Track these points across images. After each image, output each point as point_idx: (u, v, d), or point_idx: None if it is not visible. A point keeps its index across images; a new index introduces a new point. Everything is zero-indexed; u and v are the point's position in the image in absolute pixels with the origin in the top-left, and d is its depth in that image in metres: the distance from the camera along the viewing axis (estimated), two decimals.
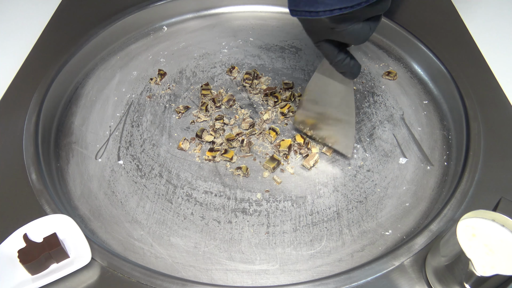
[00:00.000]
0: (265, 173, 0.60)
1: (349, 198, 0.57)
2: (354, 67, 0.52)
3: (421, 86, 0.72)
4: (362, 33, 0.46)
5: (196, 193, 0.58)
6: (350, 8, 0.41)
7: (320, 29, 0.47)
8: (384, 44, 0.79)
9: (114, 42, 0.78)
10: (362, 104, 0.69)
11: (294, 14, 0.44)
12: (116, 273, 0.47)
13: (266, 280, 0.50)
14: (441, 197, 0.56)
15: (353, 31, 0.46)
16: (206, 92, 0.69)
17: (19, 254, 0.46)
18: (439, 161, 0.61)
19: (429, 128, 0.66)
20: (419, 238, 0.50)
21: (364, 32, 0.46)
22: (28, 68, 0.70)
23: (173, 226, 0.55)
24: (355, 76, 0.53)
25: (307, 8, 0.43)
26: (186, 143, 0.63)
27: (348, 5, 0.41)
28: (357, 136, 0.65)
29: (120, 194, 0.58)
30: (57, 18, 0.80)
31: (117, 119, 0.67)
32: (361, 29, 0.46)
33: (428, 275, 0.46)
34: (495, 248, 0.40)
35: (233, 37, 0.81)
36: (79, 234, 0.49)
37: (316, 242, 0.53)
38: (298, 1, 0.43)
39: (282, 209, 0.56)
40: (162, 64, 0.76)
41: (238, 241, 0.53)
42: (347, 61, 0.51)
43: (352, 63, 0.51)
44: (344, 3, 0.41)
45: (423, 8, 0.81)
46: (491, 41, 0.76)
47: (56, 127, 0.66)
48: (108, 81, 0.73)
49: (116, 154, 0.63)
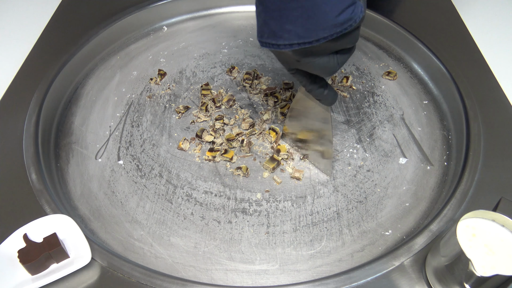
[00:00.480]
0: (265, 173, 0.60)
1: (349, 198, 0.57)
2: (329, 96, 0.52)
3: (421, 86, 0.72)
4: (328, 66, 0.46)
5: (196, 193, 0.58)
6: (308, 43, 0.41)
7: (288, 60, 0.48)
8: (384, 44, 0.79)
9: (114, 42, 0.78)
10: (362, 104, 0.69)
11: (261, 45, 0.45)
12: (116, 273, 0.47)
13: (266, 280, 0.50)
14: (441, 197, 0.56)
15: (319, 64, 0.46)
16: (206, 92, 0.69)
17: (19, 254, 0.46)
18: (439, 161, 0.61)
19: (429, 128, 0.66)
20: (419, 238, 0.50)
21: (330, 65, 0.46)
22: (28, 68, 0.70)
23: (173, 226, 0.55)
24: (331, 103, 0.53)
25: (270, 40, 0.43)
26: (186, 143, 0.63)
27: (306, 40, 0.41)
28: (357, 136, 0.65)
29: (120, 194, 0.58)
30: (57, 18, 0.80)
31: (117, 119, 0.67)
32: (327, 63, 0.46)
33: (428, 275, 0.46)
34: (495, 248, 0.40)
35: (233, 37, 0.81)
36: (79, 234, 0.49)
37: (316, 242, 0.53)
38: (263, 33, 0.44)
39: (282, 209, 0.56)
40: (162, 64, 0.76)
41: (238, 241, 0.53)
42: (320, 90, 0.51)
43: (326, 92, 0.52)
44: (302, 38, 0.41)
45: (423, 8, 0.81)
46: (491, 41, 0.76)
47: (56, 127, 0.66)
48: (108, 81, 0.73)
49: (116, 154, 0.63)
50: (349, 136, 0.64)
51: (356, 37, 0.44)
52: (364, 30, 0.81)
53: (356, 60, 0.76)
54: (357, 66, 0.75)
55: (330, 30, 0.40)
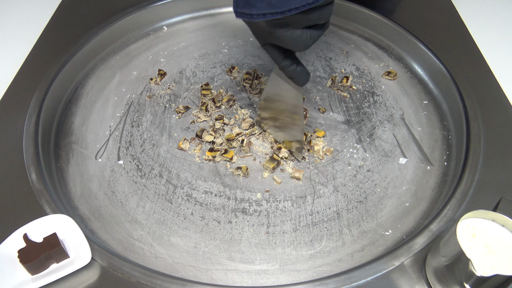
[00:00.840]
0: (265, 173, 0.60)
1: (349, 198, 0.57)
2: (301, 74, 0.53)
3: (421, 86, 0.72)
4: (300, 41, 0.47)
5: (196, 193, 0.58)
6: (280, 14, 0.43)
7: (261, 32, 0.49)
8: (384, 44, 0.79)
9: (114, 42, 0.78)
10: (362, 104, 0.69)
11: (236, 15, 0.46)
12: (116, 273, 0.47)
13: (266, 280, 0.50)
14: (441, 197, 0.56)
15: (291, 38, 0.47)
16: (206, 92, 0.69)
17: (19, 254, 0.46)
18: (439, 161, 0.61)
19: (429, 128, 0.66)
20: (419, 238, 0.50)
21: (302, 39, 0.47)
22: (28, 68, 0.70)
23: (173, 226, 0.55)
24: (303, 83, 0.54)
25: (244, 10, 0.44)
26: (186, 143, 0.63)
27: (278, 10, 0.42)
28: (357, 136, 0.65)
29: (120, 194, 0.58)
30: (57, 18, 0.80)
31: (117, 119, 0.67)
32: (299, 37, 0.47)
33: (428, 275, 0.46)
34: (495, 248, 0.40)
35: (233, 37, 0.81)
36: (79, 234, 0.49)
37: (316, 242, 0.53)
38: (238, 3, 0.45)
39: (282, 209, 0.56)
40: (162, 64, 0.76)
41: (238, 241, 0.53)
42: (293, 67, 0.52)
43: (299, 69, 0.52)
44: (274, 8, 0.42)
45: (423, 8, 0.81)
46: (491, 41, 0.76)
47: (56, 127, 0.66)
48: (108, 81, 0.73)
49: (116, 154, 0.63)
50: (349, 136, 0.64)
51: (329, 12, 0.46)
52: (364, 30, 0.81)
53: (356, 60, 0.76)
54: (357, 66, 0.75)
55: (301, 1, 0.42)
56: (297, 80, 0.54)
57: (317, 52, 0.78)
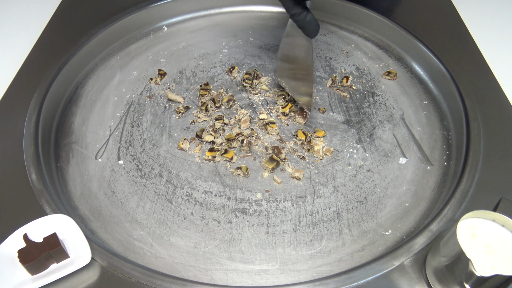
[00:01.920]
0: (265, 173, 0.60)
1: (349, 198, 0.57)
2: (311, 22, 0.56)
3: (421, 86, 0.72)
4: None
5: (196, 193, 0.58)
6: None
7: None
8: (384, 44, 0.79)
9: (114, 42, 0.78)
10: (362, 104, 0.69)
11: None
12: (116, 273, 0.47)
13: (266, 280, 0.50)
14: (441, 197, 0.56)
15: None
16: (204, 92, 0.69)
17: (19, 254, 0.46)
18: (439, 161, 0.61)
19: (429, 128, 0.66)
20: (419, 238, 0.50)
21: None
22: (28, 68, 0.70)
23: (173, 226, 0.55)
24: (313, 33, 0.57)
25: None
26: (186, 143, 0.63)
27: None
28: (357, 136, 0.65)
29: (120, 194, 0.58)
30: (57, 18, 0.80)
31: (117, 119, 0.67)
32: None
33: (428, 275, 0.46)
34: (495, 248, 0.40)
35: (233, 37, 0.81)
36: (79, 234, 0.49)
37: (316, 242, 0.53)
38: None
39: (282, 209, 0.56)
40: (162, 64, 0.76)
41: (238, 241, 0.53)
42: (302, 15, 0.55)
43: (308, 17, 0.55)
44: None
45: (423, 8, 0.81)
46: (491, 41, 0.76)
47: (56, 127, 0.66)
48: (108, 81, 0.73)
49: (116, 154, 0.63)
50: (349, 136, 0.64)
51: None
52: (364, 30, 0.81)
53: (356, 60, 0.76)
54: (357, 66, 0.75)
55: None
56: (307, 30, 0.57)
57: (317, 52, 0.78)
